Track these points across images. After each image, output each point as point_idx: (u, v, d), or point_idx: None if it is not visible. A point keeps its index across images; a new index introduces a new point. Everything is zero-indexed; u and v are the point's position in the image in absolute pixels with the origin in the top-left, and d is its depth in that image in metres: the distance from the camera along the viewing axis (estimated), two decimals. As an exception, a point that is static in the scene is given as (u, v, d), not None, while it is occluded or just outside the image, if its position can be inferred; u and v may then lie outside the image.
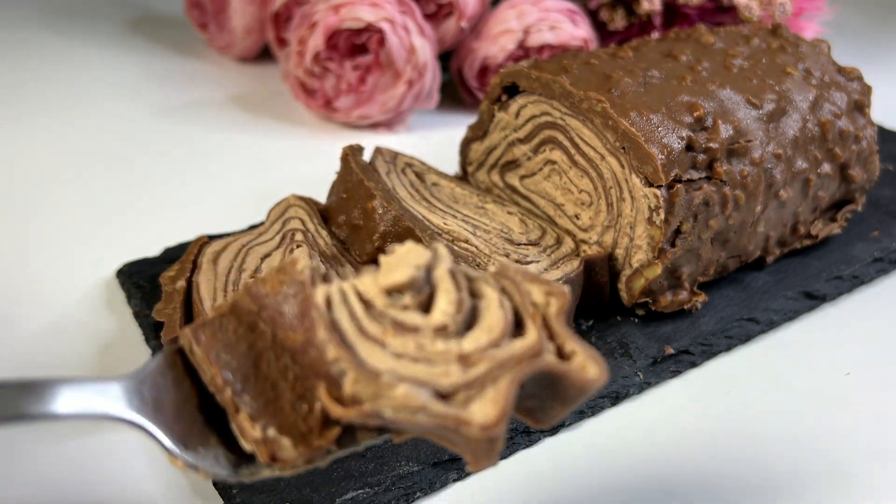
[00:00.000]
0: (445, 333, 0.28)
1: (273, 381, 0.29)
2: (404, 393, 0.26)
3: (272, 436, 0.28)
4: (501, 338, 0.28)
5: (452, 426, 0.26)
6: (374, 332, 0.28)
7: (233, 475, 0.29)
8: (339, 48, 0.73)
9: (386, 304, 0.28)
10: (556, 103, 0.50)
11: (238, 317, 0.29)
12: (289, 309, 0.28)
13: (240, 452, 0.29)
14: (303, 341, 0.28)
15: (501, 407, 0.26)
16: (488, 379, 0.27)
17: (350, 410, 0.27)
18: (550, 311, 0.29)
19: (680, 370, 0.47)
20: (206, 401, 0.30)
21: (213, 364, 0.29)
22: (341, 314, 0.28)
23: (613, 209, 0.49)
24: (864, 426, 0.44)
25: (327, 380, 0.27)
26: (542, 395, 0.28)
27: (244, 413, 0.28)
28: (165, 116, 0.78)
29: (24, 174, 0.67)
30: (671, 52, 0.53)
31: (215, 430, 0.29)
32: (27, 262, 0.56)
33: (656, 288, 0.48)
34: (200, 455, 0.29)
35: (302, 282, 0.29)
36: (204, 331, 0.29)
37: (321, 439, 0.28)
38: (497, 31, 0.75)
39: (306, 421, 0.28)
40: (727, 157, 0.47)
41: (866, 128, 0.55)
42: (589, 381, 0.27)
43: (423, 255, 0.29)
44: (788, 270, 0.54)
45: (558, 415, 0.29)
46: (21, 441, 0.41)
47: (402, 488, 0.39)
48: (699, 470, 0.41)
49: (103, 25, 1.00)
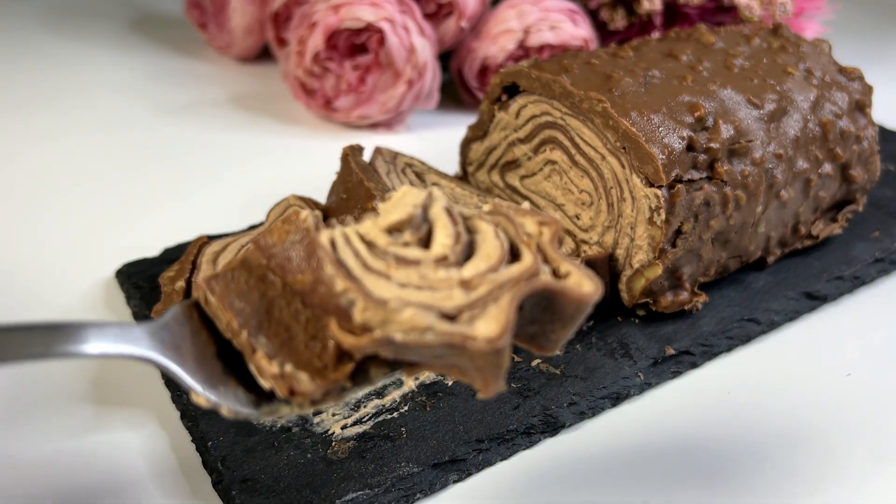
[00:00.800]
0: (446, 263, 0.30)
1: (286, 324, 0.30)
2: (411, 315, 0.27)
3: (289, 371, 0.29)
4: (499, 264, 0.30)
5: (459, 342, 0.27)
6: (378, 267, 0.29)
7: (254, 413, 0.30)
8: (338, 48, 0.73)
9: (387, 242, 0.30)
10: (556, 103, 0.50)
11: (248, 269, 0.31)
12: (296, 254, 0.30)
13: (259, 392, 0.30)
14: (311, 281, 0.29)
15: (504, 321, 0.28)
16: (490, 299, 0.29)
17: (361, 339, 0.28)
18: (544, 238, 0.31)
19: (681, 371, 0.47)
20: (223, 350, 0.31)
21: (227, 310, 0.30)
22: (346, 253, 0.30)
23: (614, 209, 0.49)
24: (865, 427, 0.44)
25: (337, 314, 0.28)
26: (542, 319, 0.30)
27: (260, 352, 0.29)
28: (165, 116, 0.78)
29: (22, 174, 0.67)
30: (672, 51, 0.53)
31: (234, 375, 0.31)
32: (26, 263, 0.56)
33: (657, 288, 0.47)
34: (221, 393, 0.30)
35: (306, 228, 0.30)
36: (217, 282, 0.31)
37: (336, 373, 0.29)
38: (497, 30, 0.75)
39: (321, 357, 0.29)
40: (728, 157, 0.47)
41: (867, 128, 0.55)
42: (585, 295, 0.29)
43: (418, 195, 0.31)
44: (789, 271, 0.54)
45: (560, 337, 0.31)
46: (21, 442, 0.41)
47: (402, 490, 0.39)
48: (700, 471, 0.41)
49: (103, 25, 1.00)
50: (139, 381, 0.45)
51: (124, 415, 0.43)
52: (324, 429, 0.41)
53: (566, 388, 0.44)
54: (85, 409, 0.44)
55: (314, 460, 0.39)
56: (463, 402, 0.43)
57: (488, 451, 0.41)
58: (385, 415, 0.42)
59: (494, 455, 0.41)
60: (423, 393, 0.43)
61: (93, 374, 0.46)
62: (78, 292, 0.52)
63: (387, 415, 0.42)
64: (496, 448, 0.41)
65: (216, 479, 0.39)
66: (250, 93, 0.83)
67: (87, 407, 0.44)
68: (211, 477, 0.39)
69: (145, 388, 0.45)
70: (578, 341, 0.47)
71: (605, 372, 0.45)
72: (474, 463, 0.41)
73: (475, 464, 0.41)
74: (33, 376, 0.46)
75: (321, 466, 0.39)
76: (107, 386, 0.45)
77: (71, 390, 0.45)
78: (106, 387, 0.45)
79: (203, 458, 0.40)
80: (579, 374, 0.45)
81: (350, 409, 0.42)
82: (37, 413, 0.43)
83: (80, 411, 0.43)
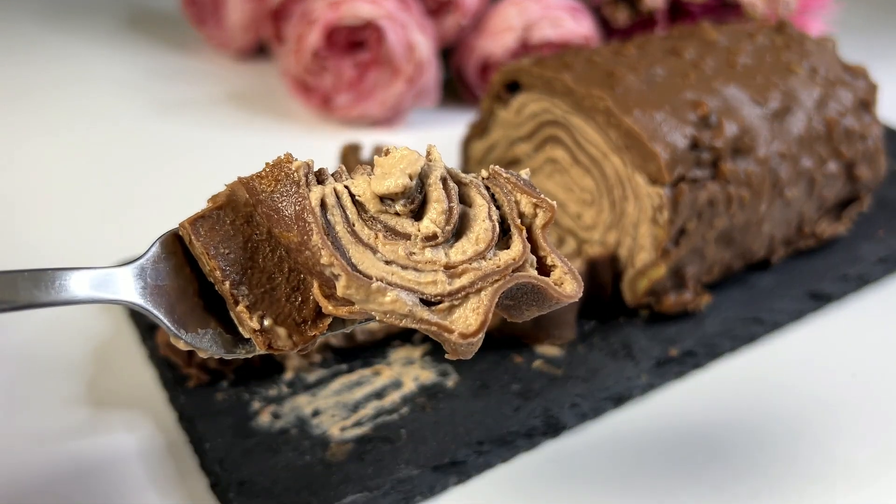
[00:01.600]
0: (434, 243, 0.29)
1: (269, 273, 0.30)
2: (393, 299, 0.28)
3: (268, 326, 0.30)
4: (487, 249, 0.30)
5: (435, 332, 0.28)
6: (366, 237, 0.30)
7: (230, 353, 0.31)
8: (337, 45, 0.72)
9: (378, 209, 0.30)
10: (557, 101, 0.50)
11: (235, 209, 0.31)
12: (284, 208, 0.30)
13: (236, 334, 0.31)
14: (298, 242, 0.29)
15: (482, 317, 0.28)
16: (472, 290, 0.29)
17: (341, 309, 0.29)
18: (537, 222, 0.31)
19: (684, 372, 0.47)
20: (204, 287, 0.31)
21: (211, 258, 0.30)
22: (335, 217, 0.30)
23: (616, 208, 0.48)
24: (870, 427, 0.44)
25: (320, 278, 0.29)
26: (521, 300, 0.30)
27: (242, 304, 0.30)
28: (161, 114, 0.78)
29: (17, 172, 0.67)
30: (675, 49, 0.52)
31: (213, 314, 0.31)
32: (21, 261, 0.55)
33: (660, 288, 0.47)
34: (199, 336, 0.31)
35: (297, 182, 0.30)
36: (203, 224, 0.31)
37: (315, 329, 0.30)
38: (498, 27, 0.74)
39: (301, 312, 0.30)
40: (732, 155, 0.47)
41: (872, 126, 0.54)
42: (565, 296, 0.30)
43: (417, 161, 0.30)
44: (794, 271, 0.53)
45: (532, 315, 0.31)
46: (16, 443, 0.41)
47: (402, 492, 0.38)
48: (704, 472, 0.41)
49: (98, 21, 0.99)
50: (136, 382, 0.45)
51: (121, 416, 0.43)
52: (322, 431, 0.40)
53: (568, 389, 0.43)
54: (81, 410, 0.43)
55: (312, 462, 0.39)
56: (463, 403, 0.42)
57: (489, 454, 0.41)
58: (384, 416, 0.41)
59: (495, 457, 0.41)
60: (423, 395, 0.43)
61: (90, 375, 0.45)
62: (73, 291, 0.52)
63: (386, 416, 0.41)
64: (497, 450, 0.41)
65: (213, 481, 0.39)
66: (248, 90, 0.83)
67: (84, 408, 0.43)
68: (208, 479, 0.39)
69: (142, 389, 0.45)
70: (581, 342, 0.47)
71: (608, 373, 0.45)
72: (475, 465, 0.40)
73: (475, 466, 0.40)
74: (30, 377, 0.45)
75: (319, 469, 0.39)
76: (104, 387, 0.45)
77: (67, 392, 0.44)
78: (103, 388, 0.45)
79: (200, 460, 0.40)
80: (581, 375, 0.44)
81: (349, 411, 0.42)
82: (33, 414, 0.43)
83: (77, 413, 0.43)
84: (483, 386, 0.44)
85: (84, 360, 0.46)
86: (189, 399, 0.42)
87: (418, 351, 0.45)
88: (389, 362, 0.45)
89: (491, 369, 0.45)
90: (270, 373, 0.44)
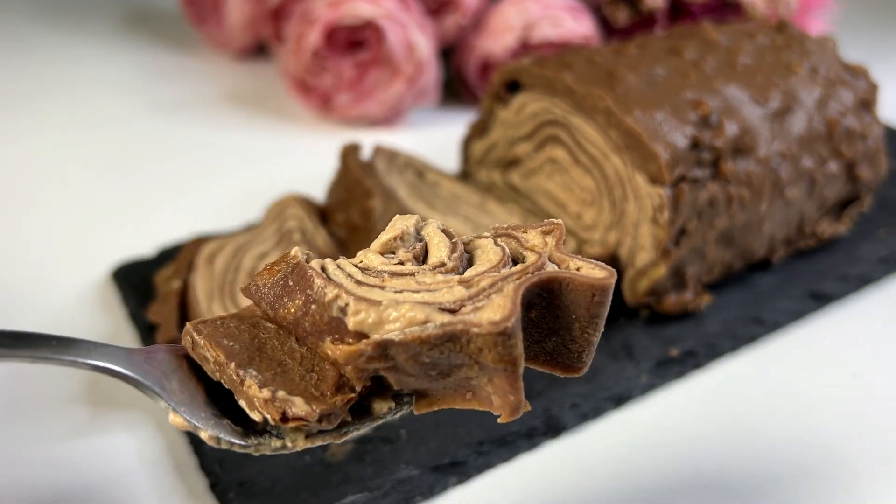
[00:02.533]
0: (444, 269, 0.28)
1: (279, 361, 0.28)
2: (408, 308, 0.26)
3: (282, 396, 0.27)
4: (501, 266, 0.28)
5: (462, 330, 0.25)
6: (372, 280, 0.28)
7: (237, 442, 0.28)
8: (337, 45, 0.72)
9: (381, 262, 0.29)
10: (558, 100, 0.49)
11: (239, 318, 0.29)
12: (285, 284, 0.28)
13: (249, 428, 0.29)
14: (302, 301, 0.27)
15: (509, 306, 0.25)
16: (493, 290, 0.27)
17: (355, 346, 0.26)
18: (550, 246, 0.29)
19: (685, 372, 0.47)
20: (214, 398, 0.29)
21: (214, 348, 0.28)
22: (339, 274, 0.28)
23: (617, 208, 0.48)
24: (870, 427, 0.44)
25: (330, 330, 0.27)
26: (558, 325, 0.28)
27: (249, 382, 0.27)
28: (160, 113, 0.77)
29: (16, 173, 0.67)
30: (675, 48, 0.52)
31: (226, 418, 0.29)
32: (20, 263, 0.55)
33: (660, 289, 0.47)
34: (203, 420, 0.28)
35: (296, 261, 0.29)
36: (205, 325, 0.29)
37: (336, 400, 0.27)
38: (498, 27, 0.74)
39: (318, 387, 0.28)
40: (732, 155, 0.47)
41: (873, 126, 0.54)
42: (598, 280, 0.26)
43: (410, 217, 0.30)
44: (794, 271, 0.53)
45: (583, 347, 0.28)
46: (16, 444, 0.41)
47: (402, 492, 0.38)
48: (705, 472, 0.41)
49: (97, 21, 0.99)
50: (135, 381, 0.45)
51: (121, 417, 0.43)
52: (322, 431, 0.40)
53: (568, 389, 0.43)
54: (81, 411, 0.43)
55: (312, 463, 0.39)
56: (463, 403, 0.42)
57: (489, 454, 0.41)
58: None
59: (495, 457, 0.41)
60: (423, 394, 0.43)
61: (89, 377, 0.45)
62: (73, 292, 0.52)
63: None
64: (497, 450, 0.41)
65: (213, 481, 0.38)
66: (247, 90, 0.83)
67: (84, 409, 0.43)
68: (208, 479, 0.39)
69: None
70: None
71: (609, 373, 0.44)
72: (475, 465, 0.40)
73: (475, 466, 0.40)
74: (29, 378, 0.45)
75: (319, 469, 0.38)
76: (103, 388, 0.45)
77: (67, 393, 0.44)
78: (102, 389, 0.44)
79: (200, 460, 0.40)
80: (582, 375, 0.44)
81: (349, 411, 0.42)
82: (33, 415, 0.43)
83: (76, 414, 0.43)
84: (483, 386, 0.43)
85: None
86: (189, 399, 0.42)
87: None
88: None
89: (491, 369, 0.44)
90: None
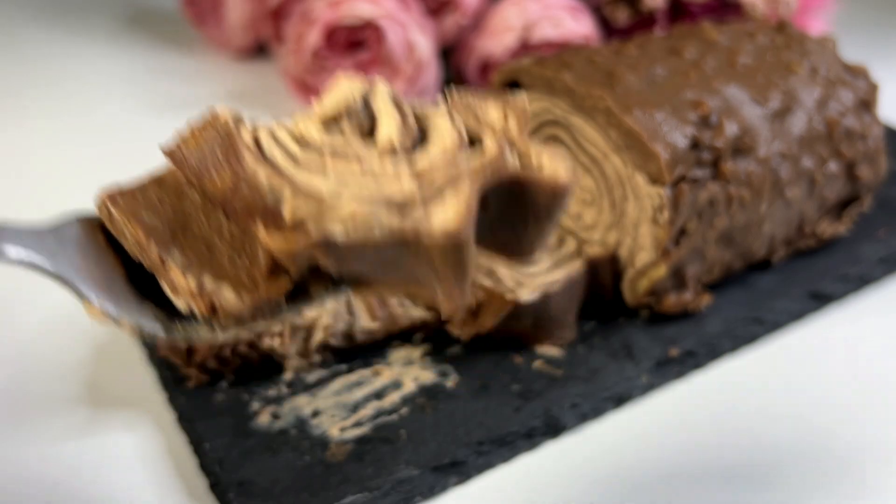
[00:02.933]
0: (393, 154, 0.25)
1: (207, 240, 0.25)
2: (352, 206, 0.23)
3: (210, 286, 0.24)
4: (457, 151, 0.25)
5: (412, 236, 0.23)
6: (311, 161, 0.24)
7: (162, 331, 0.25)
8: (337, 45, 0.72)
9: (322, 137, 0.26)
10: (557, 100, 0.49)
11: (160, 184, 0.27)
12: (213, 155, 0.25)
13: (176, 314, 0.26)
14: (231, 179, 0.24)
15: (464, 207, 0.23)
16: (447, 185, 0.23)
17: (293, 240, 0.23)
18: (510, 127, 0.26)
19: (685, 372, 0.47)
20: (134, 277, 0.26)
21: (134, 223, 0.25)
22: (273, 150, 0.25)
23: (617, 208, 0.48)
24: (871, 428, 0.44)
25: (265, 216, 0.23)
26: (512, 217, 0.26)
27: (173, 266, 0.24)
28: (160, 113, 0.77)
29: (16, 171, 0.67)
30: (675, 48, 0.52)
31: (149, 301, 0.26)
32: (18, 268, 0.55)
33: (660, 288, 0.47)
34: (124, 308, 0.25)
35: (225, 131, 0.25)
36: (122, 196, 0.26)
37: (269, 289, 0.24)
38: (498, 27, 0.74)
39: (249, 273, 0.24)
40: (732, 155, 0.47)
41: (873, 126, 0.54)
42: (560, 182, 0.24)
43: (356, 84, 0.26)
44: (794, 271, 0.53)
45: (534, 240, 0.26)
46: (13, 444, 0.41)
47: (402, 493, 0.38)
48: (705, 473, 0.41)
49: (96, 20, 0.99)
50: (135, 382, 0.45)
51: (119, 417, 0.43)
52: (322, 431, 0.40)
53: (568, 389, 0.43)
54: (79, 411, 0.43)
55: (312, 463, 0.39)
56: (463, 404, 0.42)
57: (489, 454, 0.41)
58: (384, 417, 0.41)
59: (495, 458, 0.41)
60: (423, 395, 0.43)
61: (89, 376, 0.45)
62: (73, 291, 0.52)
63: (385, 417, 0.41)
64: (497, 450, 0.41)
65: (213, 481, 0.39)
66: (247, 89, 0.83)
67: (82, 409, 0.43)
68: (208, 480, 0.39)
69: (141, 389, 0.44)
70: (581, 342, 0.47)
71: (608, 373, 0.44)
72: (475, 466, 0.40)
73: (476, 466, 0.40)
74: (27, 377, 0.45)
75: (319, 469, 0.38)
76: (101, 387, 0.45)
77: (65, 392, 0.44)
78: (100, 388, 0.44)
79: (199, 460, 0.40)
80: (582, 375, 0.44)
81: (349, 412, 0.42)
82: (30, 415, 0.43)
83: (75, 413, 0.43)
84: (483, 386, 0.43)
85: (83, 361, 0.46)
86: (188, 399, 0.42)
87: (418, 351, 0.45)
88: (389, 362, 0.45)
89: (491, 370, 0.44)
90: (270, 373, 0.43)
